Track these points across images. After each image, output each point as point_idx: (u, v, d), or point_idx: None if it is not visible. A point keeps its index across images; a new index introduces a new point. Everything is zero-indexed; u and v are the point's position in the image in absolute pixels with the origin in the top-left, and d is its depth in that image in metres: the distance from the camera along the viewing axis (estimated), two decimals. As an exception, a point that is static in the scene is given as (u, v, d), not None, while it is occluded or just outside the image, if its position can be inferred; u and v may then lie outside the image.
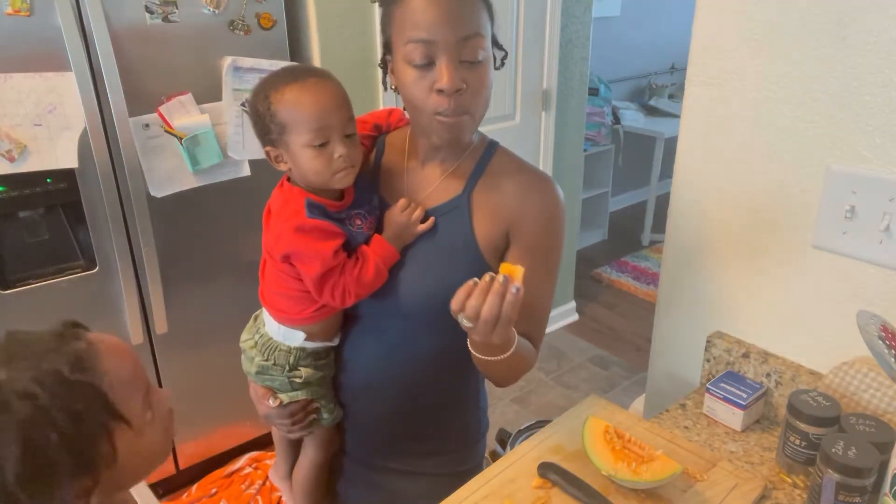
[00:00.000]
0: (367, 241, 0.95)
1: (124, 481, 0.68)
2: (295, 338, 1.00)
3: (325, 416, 1.06)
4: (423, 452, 1.09)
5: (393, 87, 0.92)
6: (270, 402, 1.03)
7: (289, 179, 0.97)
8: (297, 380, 1.02)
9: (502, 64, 0.94)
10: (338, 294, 0.92)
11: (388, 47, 0.91)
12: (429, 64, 0.84)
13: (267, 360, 1.02)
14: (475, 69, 0.86)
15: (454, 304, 0.76)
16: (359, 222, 0.95)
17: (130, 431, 0.63)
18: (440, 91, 0.84)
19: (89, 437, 0.59)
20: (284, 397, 1.03)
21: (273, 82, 0.90)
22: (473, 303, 0.74)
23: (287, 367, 1.01)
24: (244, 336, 1.07)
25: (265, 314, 1.03)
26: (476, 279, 0.76)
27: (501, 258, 0.97)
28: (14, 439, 0.55)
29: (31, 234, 1.78)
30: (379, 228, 0.97)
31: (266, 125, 0.91)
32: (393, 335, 1.00)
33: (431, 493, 0.96)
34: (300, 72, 0.90)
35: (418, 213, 0.95)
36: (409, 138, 1.01)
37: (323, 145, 0.89)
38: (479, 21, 0.86)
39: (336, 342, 1.05)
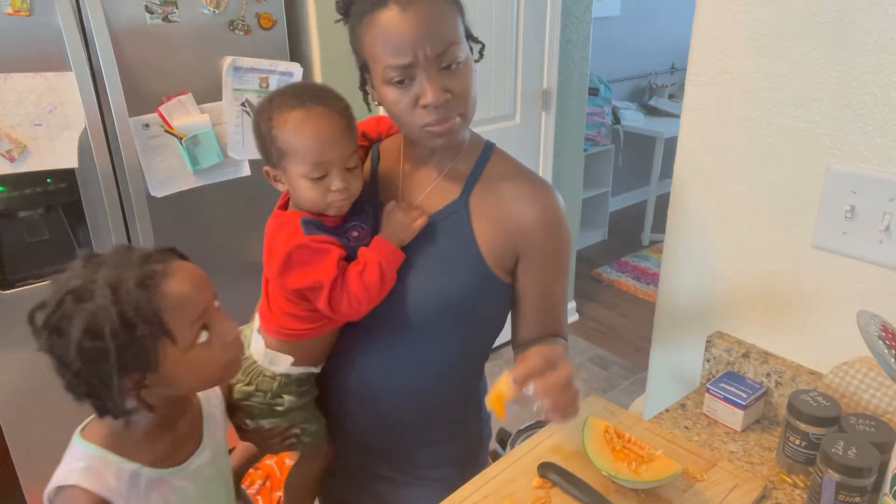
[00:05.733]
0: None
1: (176, 387, 0.80)
2: (281, 363, 0.98)
3: (306, 439, 1.05)
4: (426, 463, 1.08)
5: (377, 103, 0.91)
6: (248, 423, 1.01)
7: (281, 208, 0.95)
8: (279, 408, 1.00)
9: (481, 56, 0.93)
10: (346, 305, 0.89)
11: (365, 68, 0.89)
12: (409, 81, 0.83)
13: (250, 384, 0.99)
14: (456, 74, 0.84)
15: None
16: (356, 234, 0.93)
17: (174, 347, 0.75)
18: (424, 107, 0.83)
19: (136, 340, 0.72)
20: (266, 423, 1.01)
21: (278, 104, 0.87)
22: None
23: (270, 394, 0.99)
24: None
25: (254, 337, 1.00)
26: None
27: (510, 270, 0.96)
28: (81, 319, 0.71)
29: (31, 234, 1.78)
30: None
31: (266, 147, 0.90)
32: (395, 344, 0.99)
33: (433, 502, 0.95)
34: (308, 97, 0.87)
35: (415, 214, 0.93)
36: (403, 143, 1.00)
37: (320, 178, 0.87)
38: (451, 27, 0.84)
39: (319, 369, 1.03)
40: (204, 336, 0.78)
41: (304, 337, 0.97)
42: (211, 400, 0.95)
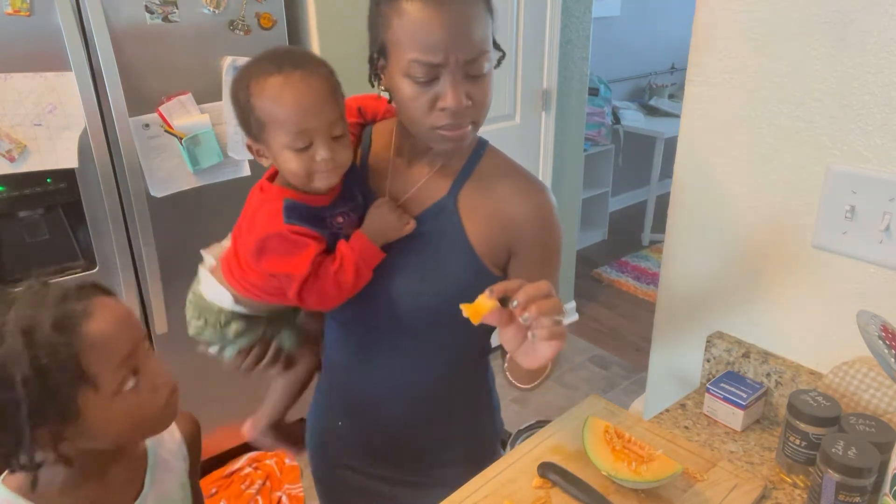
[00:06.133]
0: (348, 237, 0.89)
1: (101, 439, 0.72)
2: (224, 299, 0.95)
3: (287, 344, 1.03)
4: (441, 462, 1.07)
5: (382, 88, 0.87)
6: (211, 350, 1.00)
7: (270, 178, 0.91)
8: (230, 335, 0.98)
9: (498, 63, 0.91)
10: (315, 299, 0.88)
11: (383, 52, 0.84)
12: (431, 80, 0.80)
13: (199, 318, 0.98)
14: (479, 82, 0.82)
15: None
16: (341, 220, 0.89)
17: (97, 394, 0.68)
18: (443, 110, 0.81)
19: (50, 389, 0.65)
20: (229, 351, 0.99)
21: (256, 71, 0.82)
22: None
23: (219, 326, 0.97)
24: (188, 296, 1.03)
25: (203, 273, 0.98)
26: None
27: (503, 266, 0.95)
28: None
29: (31, 234, 1.78)
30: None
31: (246, 118, 0.84)
32: (395, 346, 0.98)
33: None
34: (286, 61, 0.81)
35: (405, 218, 0.91)
36: (396, 132, 0.96)
37: (304, 148, 0.82)
38: (485, 34, 0.81)
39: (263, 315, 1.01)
40: (132, 381, 0.71)
41: (267, 302, 0.95)
42: (164, 444, 0.88)
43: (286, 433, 1.19)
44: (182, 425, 0.95)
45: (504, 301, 0.75)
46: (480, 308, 0.74)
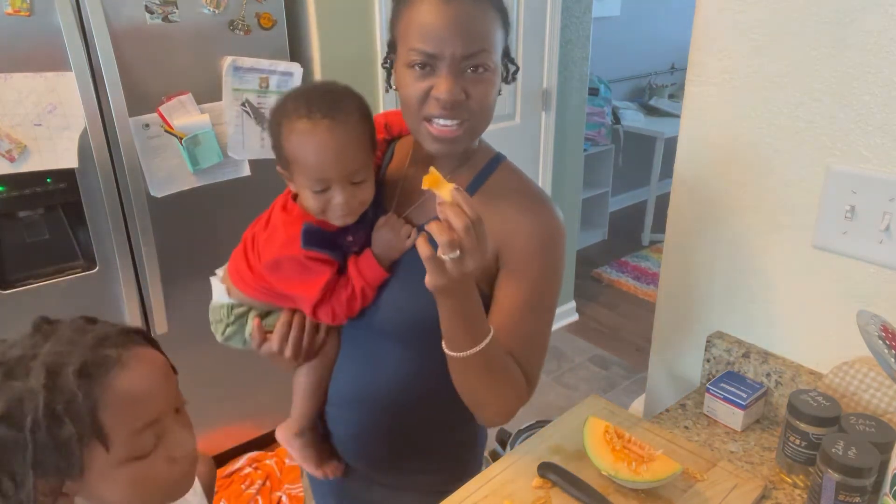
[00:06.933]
0: (357, 253, 0.93)
1: (103, 501, 0.66)
2: (224, 296, 1.01)
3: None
4: (415, 469, 1.07)
5: (394, 87, 0.89)
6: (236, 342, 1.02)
7: (294, 196, 0.94)
8: (234, 318, 1.01)
9: (513, 78, 0.91)
10: (328, 318, 0.93)
11: (392, 46, 0.87)
12: (430, 69, 0.81)
13: (214, 323, 1.03)
14: (479, 81, 0.83)
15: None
16: (351, 238, 0.93)
17: (106, 455, 0.62)
18: (437, 99, 0.81)
19: (59, 438, 0.60)
20: (248, 331, 1.01)
21: (290, 109, 0.86)
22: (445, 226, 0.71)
23: (226, 318, 1.01)
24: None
25: (213, 283, 1.03)
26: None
27: (492, 282, 0.91)
28: (2, 401, 0.59)
29: (31, 234, 1.78)
30: (370, 241, 0.94)
31: (277, 148, 0.89)
32: (378, 352, 0.98)
33: None
34: (317, 106, 0.84)
35: (405, 231, 0.92)
36: (413, 144, 0.98)
37: (322, 190, 0.86)
38: (489, 36, 0.82)
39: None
40: (148, 446, 0.64)
41: (270, 303, 0.99)
42: (185, 497, 0.80)
43: (312, 445, 1.11)
44: (200, 473, 0.88)
45: None
46: (440, 187, 0.72)
